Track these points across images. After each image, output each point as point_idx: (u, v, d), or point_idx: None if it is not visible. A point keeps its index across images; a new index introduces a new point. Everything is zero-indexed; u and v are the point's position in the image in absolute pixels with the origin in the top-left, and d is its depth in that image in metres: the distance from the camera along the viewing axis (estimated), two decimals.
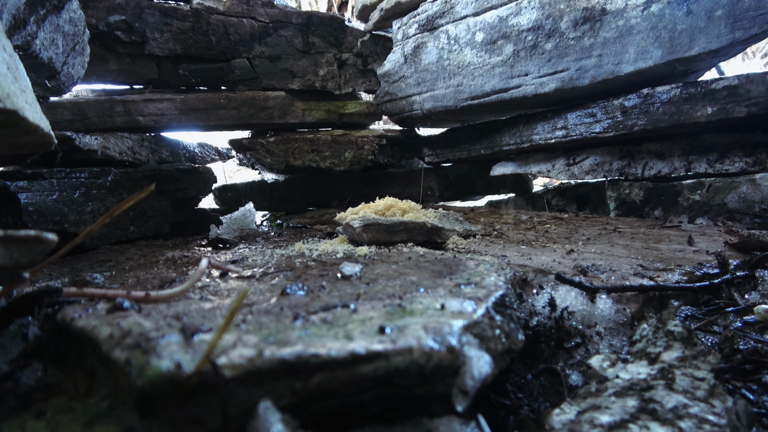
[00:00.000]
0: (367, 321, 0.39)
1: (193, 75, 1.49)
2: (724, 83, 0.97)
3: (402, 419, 0.34)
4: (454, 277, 0.51)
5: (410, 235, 0.73)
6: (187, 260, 0.73)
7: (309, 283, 0.51)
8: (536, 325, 0.50)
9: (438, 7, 1.45)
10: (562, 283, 0.54)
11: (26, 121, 0.52)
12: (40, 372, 0.41)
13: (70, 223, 0.96)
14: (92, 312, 0.43)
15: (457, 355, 0.35)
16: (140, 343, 0.34)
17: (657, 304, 0.52)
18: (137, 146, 1.33)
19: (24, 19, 0.79)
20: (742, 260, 0.62)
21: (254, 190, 1.71)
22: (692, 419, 0.34)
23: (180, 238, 1.14)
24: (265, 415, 0.30)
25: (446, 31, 1.43)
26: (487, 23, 1.31)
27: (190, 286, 0.48)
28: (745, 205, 0.98)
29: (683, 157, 1.11)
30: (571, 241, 0.77)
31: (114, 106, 1.29)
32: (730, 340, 0.46)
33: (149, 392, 0.30)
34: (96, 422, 0.33)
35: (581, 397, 0.39)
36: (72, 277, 0.64)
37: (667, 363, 0.41)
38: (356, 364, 0.33)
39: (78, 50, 1.01)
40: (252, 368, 0.31)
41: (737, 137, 1.03)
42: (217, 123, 1.46)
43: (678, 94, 1.03)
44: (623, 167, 1.20)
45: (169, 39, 1.43)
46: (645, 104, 1.08)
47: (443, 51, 1.44)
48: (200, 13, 1.48)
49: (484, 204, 1.88)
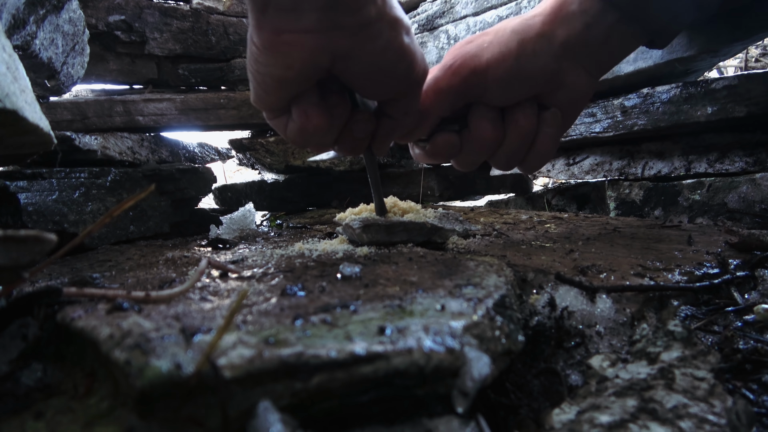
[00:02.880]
0: (367, 322, 0.39)
1: (192, 75, 1.49)
2: (724, 83, 0.97)
3: (402, 419, 0.34)
4: (454, 278, 0.51)
5: (410, 236, 0.73)
6: (187, 260, 0.73)
7: (309, 283, 0.51)
8: (536, 324, 0.50)
9: (438, 7, 1.45)
10: (561, 283, 0.54)
11: (26, 120, 0.52)
12: (40, 372, 0.41)
13: (69, 223, 0.96)
14: (92, 312, 0.43)
15: (457, 356, 0.35)
16: (140, 344, 0.34)
17: (657, 303, 0.52)
18: (137, 146, 1.33)
19: (23, 19, 0.79)
20: (742, 260, 0.62)
21: (254, 190, 1.71)
22: (692, 419, 0.34)
23: (180, 238, 1.14)
24: (264, 415, 0.30)
25: (446, 30, 1.43)
26: (487, 23, 1.31)
27: (190, 287, 0.48)
28: (745, 205, 0.98)
29: (683, 157, 1.11)
30: (570, 241, 0.77)
31: (114, 106, 1.30)
32: (730, 340, 0.46)
33: (149, 393, 0.30)
34: (96, 423, 0.33)
35: (581, 397, 0.39)
36: (72, 277, 0.64)
37: (666, 363, 0.41)
38: (356, 364, 0.33)
39: (78, 50, 1.01)
40: (252, 369, 0.31)
41: (737, 137, 1.03)
42: (216, 123, 1.46)
43: (678, 93, 1.03)
44: (623, 167, 1.20)
45: (169, 39, 1.43)
46: (645, 104, 1.08)
47: (443, 51, 1.44)
48: (200, 13, 1.48)
49: (484, 204, 1.88)
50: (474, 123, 0.72)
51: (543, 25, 0.69)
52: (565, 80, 0.70)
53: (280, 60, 0.55)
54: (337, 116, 0.63)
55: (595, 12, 0.67)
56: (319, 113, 0.60)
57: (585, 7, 0.68)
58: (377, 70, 0.58)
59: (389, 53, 0.57)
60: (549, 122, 0.72)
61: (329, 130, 0.63)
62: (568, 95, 0.72)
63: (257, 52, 0.56)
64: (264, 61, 0.56)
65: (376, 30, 0.55)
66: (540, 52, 0.68)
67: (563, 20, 0.68)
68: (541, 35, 0.68)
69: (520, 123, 0.71)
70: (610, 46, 0.71)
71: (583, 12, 0.68)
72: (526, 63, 0.68)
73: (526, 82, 0.69)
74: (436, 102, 0.71)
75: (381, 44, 0.56)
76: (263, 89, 0.59)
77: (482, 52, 0.69)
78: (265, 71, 0.57)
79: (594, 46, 0.69)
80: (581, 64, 0.70)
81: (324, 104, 0.61)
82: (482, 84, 0.69)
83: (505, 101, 0.71)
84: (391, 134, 0.70)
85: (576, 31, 0.68)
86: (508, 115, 0.72)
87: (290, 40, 0.53)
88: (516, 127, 0.71)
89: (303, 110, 0.60)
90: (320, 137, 0.64)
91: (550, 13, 0.69)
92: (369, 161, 0.75)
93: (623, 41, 0.72)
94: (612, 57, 0.74)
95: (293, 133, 0.63)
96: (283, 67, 0.56)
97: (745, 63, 2.59)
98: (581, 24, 0.68)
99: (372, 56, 0.57)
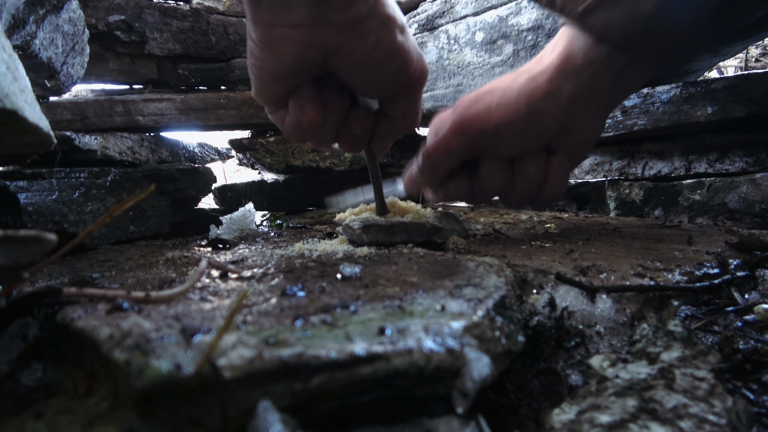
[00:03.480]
0: (367, 322, 0.39)
1: (192, 75, 1.48)
2: (724, 83, 0.97)
3: (402, 419, 0.34)
4: (454, 278, 0.51)
5: (410, 236, 0.73)
6: (187, 260, 0.73)
7: (309, 283, 0.51)
8: (536, 325, 0.50)
9: (438, 6, 1.45)
10: (561, 283, 0.54)
11: (26, 120, 0.52)
12: (40, 372, 0.41)
13: (69, 223, 0.96)
14: (92, 312, 0.43)
15: (457, 356, 0.35)
16: (140, 344, 0.34)
17: (657, 303, 0.52)
18: (137, 146, 1.32)
19: (23, 19, 0.79)
20: (742, 260, 0.62)
21: (254, 190, 1.71)
22: (692, 419, 0.34)
23: (180, 238, 1.14)
24: (264, 416, 0.30)
25: (446, 30, 1.43)
26: (487, 23, 1.31)
27: (190, 287, 0.48)
28: (745, 205, 0.98)
29: (683, 157, 1.11)
30: (571, 241, 0.77)
31: (114, 106, 1.29)
32: (730, 340, 0.46)
33: (149, 393, 0.30)
34: (96, 423, 0.33)
35: (581, 397, 0.39)
36: (72, 277, 0.64)
37: (666, 363, 0.41)
38: (356, 365, 0.33)
39: (77, 50, 1.01)
40: (252, 369, 0.31)
41: (737, 137, 1.03)
42: (216, 123, 1.46)
43: (678, 93, 1.03)
44: (623, 167, 1.20)
45: (169, 39, 1.43)
46: (645, 104, 1.08)
47: (443, 51, 1.44)
48: (200, 12, 1.48)
49: None
50: (484, 174, 0.74)
51: (549, 83, 0.69)
52: (573, 129, 0.71)
53: (273, 53, 0.56)
54: (333, 112, 0.64)
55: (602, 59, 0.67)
56: (313, 107, 0.61)
57: (591, 57, 0.67)
58: (368, 67, 0.59)
59: (379, 51, 0.57)
60: (557, 167, 0.73)
61: (325, 125, 0.63)
62: (576, 140, 0.73)
63: (253, 45, 0.56)
64: (259, 54, 0.57)
65: (367, 27, 0.55)
66: (548, 110, 0.68)
67: (569, 75, 0.68)
68: (548, 94, 0.68)
69: (530, 171, 0.72)
70: (617, 89, 0.71)
71: (589, 63, 0.67)
72: (534, 122, 0.69)
73: (535, 137, 0.70)
74: (445, 158, 0.73)
75: (371, 42, 0.56)
76: (260, 82, 0.60)
77: (490, 115, 0.69)
78: (261, 65, 0.57)
79: (602, 94, 0.70)
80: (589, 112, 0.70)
81: (319, 99, 0.62)
82: (491, 142, 0.70)
83: (513, 154, 0.72)
84: (389, 134, 0.70)
85: (582, 83, 0.68)
86: (518, 164, 0.73)
87: (281, 34, 0.54)
88: (525, 176, 0.73)
89: (298, 104, 0.61)
90: (316, 131, 0.64)
91: (555, 68, 0.69)
92: (370, 160, 0.75)
93: (630, 82, 0.72)
94: (618, 99, 0.74)
95: (289, 126, 0.63)
96: (276, 61, 0.56)
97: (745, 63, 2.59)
98: (587, 76, 0.68)
99: (362, 54, 0.57)
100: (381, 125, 0.69)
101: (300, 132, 0.63)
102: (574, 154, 0.75)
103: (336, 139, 0.68)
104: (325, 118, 0.63)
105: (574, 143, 0.73)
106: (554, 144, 0.72)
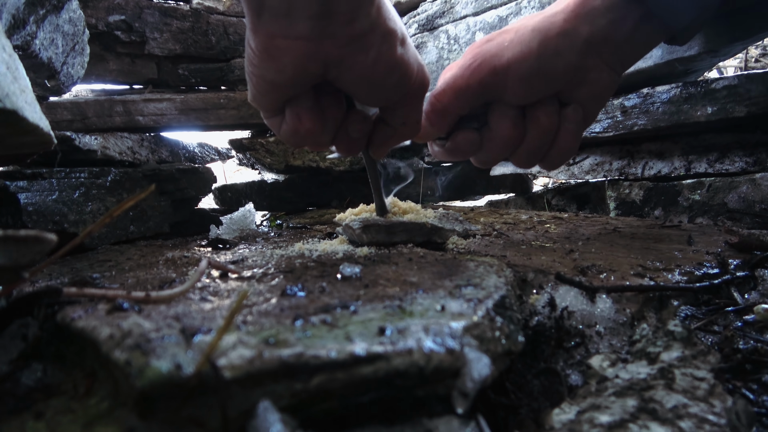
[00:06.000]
0: (367, 322, 0.39)
1: (192, 75, 1.48)
2: (724, 83, 0.97)
3: (402, 419, 0.34)
4: (454, 279, 0.51)
5: (410, 236, 0.73)
6: (187, 260, 0.73)
7: (309, 284, 0.51)
8: (536, 325, 0.50)
9: (438, 6, 1.45)
10: (561, 283, 0.54)
11: (26, 120, 0.52)
12: (40, 372, 0.41)
13: (69, 223, 0.96)
14: (92, 312, 0.43)
15: (457, 356, 0.35)
16: (140, 344, 0.34)
17: (657, 303, 0.52)
18: (137, 146, 1.33)
19: (23, 19, 0.79)
20: (742, 260, 0.62)
21: (254, 190, 1.71)
22: (692, 419, 0.34)
23: (180, 238, 1.13)
24: (264, 416, 0.30)
25: (446, 30, 1.43)
26: (487, 23, 1.31)
27: (190, 287, 0.48)
28: (745, 205, 0.98)
29: (683, 157, 1.11)
30: (570, 241, 0.77)
31: (114, 106, 1.30)
32: (730, 340, 0.46)
33: (149, 393, 0.30)
34: (96, 423, 0.33)
35: (581, 397, 0.39)
36: (72, 277, 0.64)
37: (666, 363, 0.41)
38: (356, 365, 0.33)
39: (78, 50, 1.01)
40: (252, 369, 0.31)
41: (737, 137, 1.03)
42: (216, 123, 1.46)
43: (678, 93, 1.03)
44: (623, 167, 1.20)
45: (169, 39, 1.43)
46: (645, 104, 1.08)
47: (443, 51, 1.44)
48: (200, 13, 1.48)
49: (484, 204, 1.88)
50: (494, 122, 0.71)
51: (565, 22, 0.67)
52: (588, 77, 0.69)
53: (273, 64, 0.55)
54: (330, 118, 0.63)
55: (620, 7, 0.66)
56: (311, 117, 0.60)
57: (609, 2, 0.66)
58: (369, 80, 0.58)
59: (380, 65, 0.57)
60: (570, 119, 0.71)
61: (322, 132, 0.63)
62: (590, 91, 0.71)
63: (252, 54, 0.56)
64: (258, 64, 0.56)
65: (368, 42, 0.55)
66: (562, 50, 0.67)
67: (587, 16, 0.67)
68: (563, 33, 0.67)
69: (542, 121, 0.70)
70: (633, 42, 0.69)
71: (607, 8, 0.66)
72: (547, 62, 0.67)
73: (548, 80, 0.68)
74: (455, 100, 0.70)
75: (372, 56, 0.56)
76: (258, 90, 0.60)
77: (503, 51, 0.67)
78: (260, 74, 0.57)
79: (618, 43, 0.68)
80: (604, 60, 0.69)
81: (317, 108, 0.61)
82: (503, 83, 0.68)
83: (525, 100, 0.70)
84: (387, 141, 0.70)
85: (600, 27, 0.66)
86: (529, 113, 0.71)
87: (283, 46, 0.53)
88: (537, 125, 0.70)
89: (296, 113, 0.60)
90: (313, 139, 0.64)
91: (573, 9, 0.67)
92: (369, 161, 0.75)
93: (647, 37, 0.70)
94: (635, 53, 0.72)
95: (286, 134, 0.63)
96: (276, 72, 0.56)
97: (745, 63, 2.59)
98: (606, 20, 0.66)
99: (363, 67, 0.57)
100: (380, 132, 0.68)
101: (297, 139, 0.63)
102: (588, 106, 0.72)
103: (333, 142, 0.68)
104: (323, 126, 0.63)
105: (588, 94, 0.71)
106: (567, 93, 0.70)
